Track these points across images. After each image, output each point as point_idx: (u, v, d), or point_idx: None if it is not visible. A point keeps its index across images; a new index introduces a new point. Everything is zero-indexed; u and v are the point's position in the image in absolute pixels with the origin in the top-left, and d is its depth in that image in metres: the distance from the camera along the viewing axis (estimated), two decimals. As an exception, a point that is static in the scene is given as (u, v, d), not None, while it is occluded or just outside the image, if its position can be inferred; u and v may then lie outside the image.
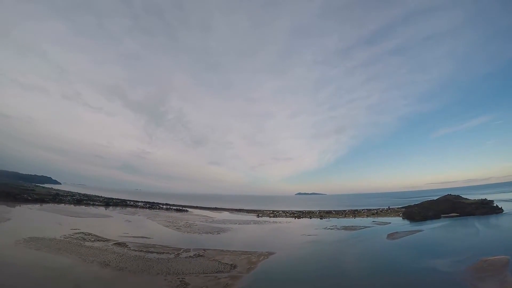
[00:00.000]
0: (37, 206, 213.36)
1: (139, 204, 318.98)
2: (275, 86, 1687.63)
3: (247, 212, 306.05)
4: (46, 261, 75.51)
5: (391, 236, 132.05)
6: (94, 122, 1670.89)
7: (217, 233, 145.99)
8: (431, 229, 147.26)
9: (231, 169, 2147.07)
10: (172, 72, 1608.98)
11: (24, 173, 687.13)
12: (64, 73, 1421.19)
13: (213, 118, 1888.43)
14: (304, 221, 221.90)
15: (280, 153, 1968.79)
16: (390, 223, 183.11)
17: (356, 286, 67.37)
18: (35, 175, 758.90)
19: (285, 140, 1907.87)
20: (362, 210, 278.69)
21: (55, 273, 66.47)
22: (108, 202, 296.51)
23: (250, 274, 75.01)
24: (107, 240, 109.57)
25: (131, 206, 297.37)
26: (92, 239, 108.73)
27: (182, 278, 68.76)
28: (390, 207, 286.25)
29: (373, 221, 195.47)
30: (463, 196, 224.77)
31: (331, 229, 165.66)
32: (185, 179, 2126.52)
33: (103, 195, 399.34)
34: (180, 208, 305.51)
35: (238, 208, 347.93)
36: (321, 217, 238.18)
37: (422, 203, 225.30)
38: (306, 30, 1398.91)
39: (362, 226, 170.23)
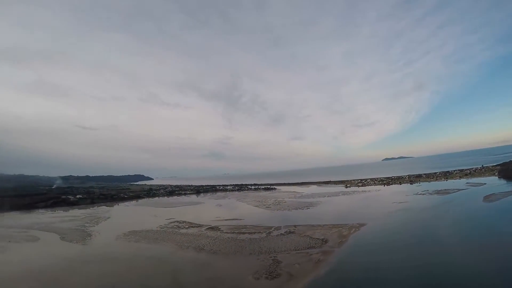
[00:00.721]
0: (133, 202, 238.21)
1: (228, 187, 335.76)
2: (344, 51, 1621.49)
3: (334, 183, 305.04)
4: (145, 251, 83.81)
5: (487, 198, 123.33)
6: (174, 117, 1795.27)
7: (307, 208, 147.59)
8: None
9: (313, 142, 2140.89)
10: (238, 56, 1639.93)
11: (118, 175, 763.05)
12: (136, 79, 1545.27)
13: (287, 93, 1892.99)
14: (394, 187, 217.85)
15: (360, 119, 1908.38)
16: (485, 183, 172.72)
17: (452, 254, 62.49)
18: (128, 175, 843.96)
19: (363, 105, 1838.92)
20: (454, 171, 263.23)
21: (154, 261, 73.22)
22: (198, 190, 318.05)
23: (341, 248, 74.36)
24: (200, 225, 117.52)
25: (221, 190, 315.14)
26: (186, 226, 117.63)
27: (274, 256, 70.68)
28: (484, 165, 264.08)
29: (467, 183, 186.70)
30: None
31: (423, 194, 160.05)
32: (269, 158, 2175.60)
33: (193, 184, 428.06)
34: (268, 186, 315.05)
35: (325, 180, 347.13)
36: (411, 182, 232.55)
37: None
38: None
39: (455, 189, 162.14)
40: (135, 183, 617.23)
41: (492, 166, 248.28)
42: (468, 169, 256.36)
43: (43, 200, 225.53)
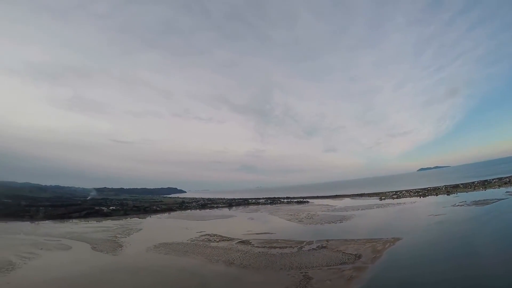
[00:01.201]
0: (166, 215, 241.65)
1: (261, 201, 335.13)
2: (374, 59, 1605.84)
3: (368, 196, 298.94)
4: (175, 263, 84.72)
5: None
6: (207, 131, 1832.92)
7: (340, 222, 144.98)
8: None
9: (347, 154, 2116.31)
10: (268, 69, 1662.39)
11: (151, 187, 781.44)
12: (170, 95, 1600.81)
13: (319, 105, 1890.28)
14: (430, 199, 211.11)
15: (394, 128, 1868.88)
16: None
17: (494, 270, 58.66)
18: (161, 188, 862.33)
19: (396, 114, 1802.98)
20: (493, 179, 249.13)
21: (183, 274, 73.72)
22: (231, 203, 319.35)
23: (375, 264, 71.58)
24: (231, 239, 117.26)
25: (253, 204, 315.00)
26: (217, 240, 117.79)
27: (305, 272, 69.10)
28: None
29: (507, 192, 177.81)
30: None
31: (460, 205, 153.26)
32: (302, 171, 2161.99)
33: (226, 197, 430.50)
34: (301, 200, 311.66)
35: (359, 192, 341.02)
36: (448, 193, 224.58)
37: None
38: None
39: (495, 199, 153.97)
40: (168, 195, 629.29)
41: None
42: (507, 177, 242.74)
43: (77, 210, 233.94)
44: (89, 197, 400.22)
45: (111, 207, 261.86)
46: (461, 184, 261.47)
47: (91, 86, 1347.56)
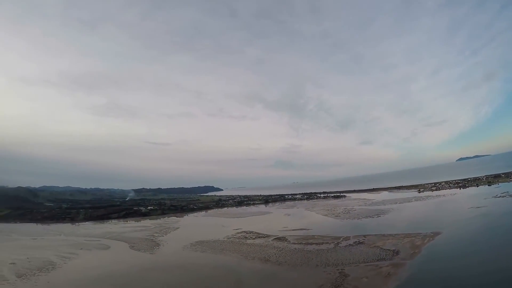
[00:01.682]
0: (203, 213, 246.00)
1: (297, 196, 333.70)
2: (406, 47, 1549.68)
3: (407, 188, 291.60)
4: (211, 261, 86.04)
5: None
6: (241, 129, 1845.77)
7: (377, 216, 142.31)
8: None
9: (383, 145, 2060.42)
10: (299, 64, 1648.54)
11: (188, 186, 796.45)
12: (203, 95, 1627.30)
13: (353, 97, 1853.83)
14: (471, 190, 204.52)
15: (431, 117, 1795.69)
16: None
17: None
18: (198, 186, 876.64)
19: (433, 102, 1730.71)
20: None
21: (219, 271, 74.68)
22: (267, 200, 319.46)
23: (414, 260, 69.36)
24: (267, 236, 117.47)
25: (289, 199, 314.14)
26: (253, 237, 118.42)
27: (341, 269, 68.15)
28: None
29: None
30: None
31: (503, 196, 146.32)
32: (339, 164, 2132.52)
33: (262, 194, 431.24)
34: (338, 194, 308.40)
35: (397, 185, 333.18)
36: (489, 183, 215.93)
37: None
38: None
39: None
40: (205, 194, 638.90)
41: None
42: None
43: (116, 211, 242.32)
44: (127, 198, 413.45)
45: (149, 207, 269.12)
46: (503, 173, 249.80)
47: (125, 92, 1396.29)
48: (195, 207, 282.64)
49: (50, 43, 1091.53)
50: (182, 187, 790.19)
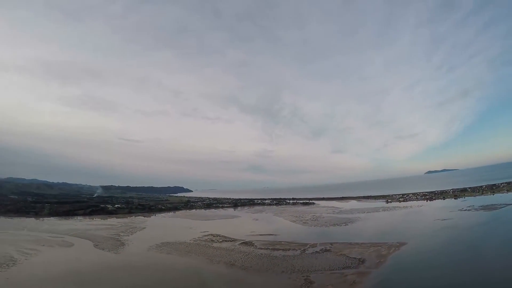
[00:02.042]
0: (171, 214, 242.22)
1: (266, 201, 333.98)
2: (385, 59, 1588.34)
3: (375, 198, 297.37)
4: (176, 263, 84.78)
5: None
6: (215, 131, 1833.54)
7: (345, 224, 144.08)
8: None
9: (355, 155, 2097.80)
10: (278, 69, 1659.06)
11: (158, 186, 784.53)
12: (179, 94, 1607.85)
13: (328, 106, 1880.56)
14: (437, 203, 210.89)
15: (403, 130, 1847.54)
16: None
17: (502, 280, 57.29)
18: (168, 186, 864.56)
19: (406, 115, 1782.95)
20: (501, 184, 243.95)
21: (183, 274, 73.70)
22: (236, 203, 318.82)
23: (379, 269, 70.58)
24: (234, 240, 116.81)
25: (259, 204, 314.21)
26: (220, 240, 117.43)
27: (306, 276, 68.38)
28: None
29: None
30: None
31: (468, 210, 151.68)
32: (309, 171, 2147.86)
33: (231, 197, 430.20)
34: (307, 201, 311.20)
35: (366, 195, 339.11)
36: (456, 197, 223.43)
37: None
38: None
39: (503, 204, 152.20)
40: (174, 194, 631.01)
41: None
42: None
43: (82, 207, 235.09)
44: (95, 195, 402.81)
45: (116, 205, 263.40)
46: (469, 188, 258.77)
47: (102, 85, 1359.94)
48: (163, 207, 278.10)
49: (29, 29, 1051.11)
50: (152, 186, 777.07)
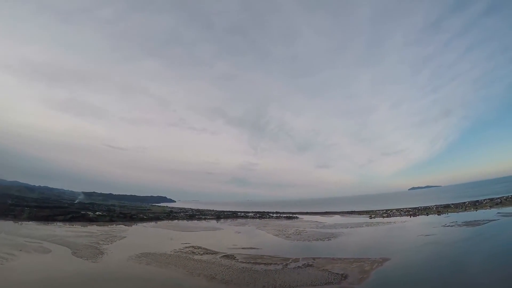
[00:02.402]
0: (152, 223, 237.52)
1: (250, 214, 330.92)
2: (371, 78, 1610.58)
3: (358, 213, 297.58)
4: (154, 275, 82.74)
5: None
6: (201, 142, 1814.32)
7: (328, 239, 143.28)
8: None
9: (339, 170, 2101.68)
10: (266, 84, 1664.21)
11: (141, 195, 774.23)
12: (165, 104, 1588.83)
13: (315, 121, 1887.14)
14: (421, 219, 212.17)
15: (388, 147, 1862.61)
16: None
17: None
18: (151, 196, 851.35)
19: (391, 133, 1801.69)
20: (484, 200, 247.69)
21: (161, 286, 71.16)
22: (219, 215, 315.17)
23: (361, 285, 70.37)
24: (216, 252, 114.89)
25: (242, 217, 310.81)
26: (201, 253, 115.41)
27: (288, 291, 67.22)
28: None
29: (498, 213, 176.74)
30: None
31: (451, 226, 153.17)
32: (294, 185, 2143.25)
33: (215, 209, 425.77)
34: (290, 215, 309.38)
35: (349, 210, 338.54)
36: (439, 213, 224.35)
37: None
38: (388, 13, 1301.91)
39: (486, 220, 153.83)
40: (157, 204, 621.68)
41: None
42: (498, 198, 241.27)
43: (63, 213, 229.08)
44: (76, 201, 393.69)
45: (97, 212, 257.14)
46: (452, 204, 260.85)
47: (88, 90, 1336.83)
48: (145, 216, 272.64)
49: (18, 28, 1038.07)
50: (134, 195, 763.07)
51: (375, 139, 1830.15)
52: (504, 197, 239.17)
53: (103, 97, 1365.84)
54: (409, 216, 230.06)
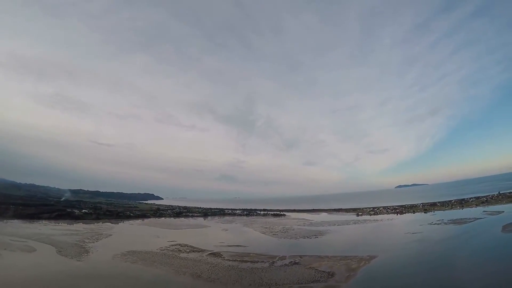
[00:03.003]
0: (139, 221, 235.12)
1: (237, 212, 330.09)
2: (360, 76, 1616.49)
3: (345, 211, 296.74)
4: (140, 273, 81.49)
5: (506, 228, 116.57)
6: (189, 139, 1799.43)
7: (315, 237, 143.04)
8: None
9: (327, 168, 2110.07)
10: (255, 80, 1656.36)
11: (128, 192, 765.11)
12: (154, 99, 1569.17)
13: (303, 118, 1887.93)
14: (407, 216, 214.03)
15: (374, 145, 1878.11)
16: (503, 211, 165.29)
17: None
18: (138, 193, 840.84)
19: (378, 131, 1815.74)
20: (470, 198, 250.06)
21: (146, 285, 70.31)
22: (206, 213, 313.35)
23: (348, 283, 70.20)
24: (202, 250, 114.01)
25: (229, 214, 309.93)
26: (187, 251, 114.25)
27: (274, 289, 66.89)
28: (501, 192, 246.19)
29: (484, 211, 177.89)
30: None
31: (438, 224, 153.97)
32: (282, 183, 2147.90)
33: (202, 206, 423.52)
34: (277, 212, 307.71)
35: (337, 207, 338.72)
36: (425, 211, 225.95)
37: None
38: (377, 12, 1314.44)
39: (472, 218, 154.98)
40: (144, 201, 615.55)
41: (510, 192, 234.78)
42: (484, 196, 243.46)
43: (48, 211, 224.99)
44: (63, 198, 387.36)
45: (83, 210, 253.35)
46: (439, 202, 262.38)
47: (76, 85, 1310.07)
48: (132, 214, 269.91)
49: (4, 20, 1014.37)
50: (121, 192, 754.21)
51: (361, 137, 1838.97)
52: (490, 196, 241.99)
53: (90, 92, 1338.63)
54: (396, 214, 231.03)
